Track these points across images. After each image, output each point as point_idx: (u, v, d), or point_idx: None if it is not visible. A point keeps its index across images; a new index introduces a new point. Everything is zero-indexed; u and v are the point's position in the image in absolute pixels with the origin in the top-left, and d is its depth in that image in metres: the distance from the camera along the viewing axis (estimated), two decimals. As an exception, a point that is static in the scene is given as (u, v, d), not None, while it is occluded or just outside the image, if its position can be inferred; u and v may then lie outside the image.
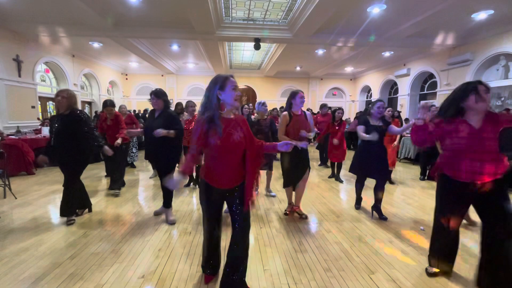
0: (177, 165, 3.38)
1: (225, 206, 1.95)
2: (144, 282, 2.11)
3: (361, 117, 3.65)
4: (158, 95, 3.17)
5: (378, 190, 3.46)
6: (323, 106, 6.42)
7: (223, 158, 1.75)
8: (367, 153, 3.43)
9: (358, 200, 3.86)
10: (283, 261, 2.43)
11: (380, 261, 2.44)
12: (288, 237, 2.93)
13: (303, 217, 3.45)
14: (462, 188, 1.93)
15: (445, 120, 1.98)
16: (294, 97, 3.21)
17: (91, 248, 2.64)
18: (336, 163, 5.55)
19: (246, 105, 5.41)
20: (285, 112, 3.24)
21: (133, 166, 6.58)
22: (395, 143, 5.20)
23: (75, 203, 3.32)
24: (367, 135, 3.29)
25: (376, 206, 3.53)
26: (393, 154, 5.21)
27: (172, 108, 3.67)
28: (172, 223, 3.25)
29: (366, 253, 2.60)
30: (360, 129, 3.41)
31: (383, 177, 3.51)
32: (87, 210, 3.57)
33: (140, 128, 4.86)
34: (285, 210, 3.61)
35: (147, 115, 3.51)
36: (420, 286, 2.10)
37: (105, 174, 5.52)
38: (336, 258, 2.50)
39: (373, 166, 3.41)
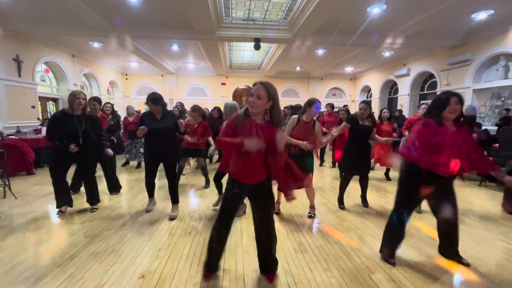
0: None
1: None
2: (144, 282, 2.11)
3: (351, 116, 3.83)
4: (156, 102, 3.26)
5: (363, 182, 3.84)
6: (328, 105, 6.55)
7: (240, 153, 1.90)
8: (356, 151, 3.64)
9: (341, 199, 3.90)
10: (283, 261, 2.43)
11: (380, 261, 2.44)
12: (288, 237, 2.93)
13: (308, 215, 3.52)
14: (434, 178, 2.18)
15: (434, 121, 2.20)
16: (310, 105, 3.19)
17: (91, 248, 2.64)
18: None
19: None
20: (295, 116, 3.28)
21: (138, 166, 6.59)
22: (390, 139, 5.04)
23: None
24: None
25: (363, 195, 3.93)
26: (389, 153, 5.19)
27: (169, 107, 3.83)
28: (171, 218, 3.39)
29: (366, 253, 2.60)
30: (344, 126, 3.70)
31: (365, 173, 3.78)
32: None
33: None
34: (275, 209, 3.58)
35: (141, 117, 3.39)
36: (420, 286, 2.10)
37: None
38: (336, 258, 2.50)
39: (362, 164, 3.69)
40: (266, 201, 2.05)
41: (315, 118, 3.38)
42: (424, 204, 3.63)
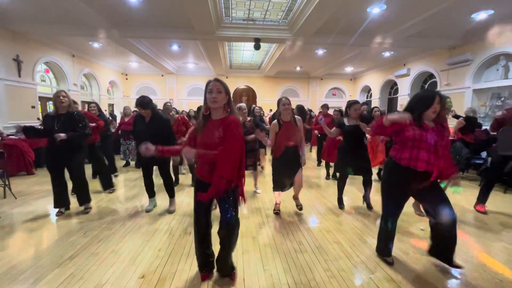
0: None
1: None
2: (144, 282, 2.11)
3: (338, 120, 3.84)
4: (144, 106, 3.32)
5: (366, 183, 3.73)
6: (323, 106, 6.64)
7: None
8: (348, 152, 3.63)
9: (340, 199, 3.90)
10: (283, 261, 2.43)
11: (380, 261, 2.44)
12: (288, 237, 2.93)
13: (298, 208, 3.58)
14: (416, 176, 2.15)
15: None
16: (278, 105, 3.31)
17: (91, 248, 2.64)
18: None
19: (257, 107, 5.86)
20: (275, 121, 3.32)
21: (138, 166, 6.61)
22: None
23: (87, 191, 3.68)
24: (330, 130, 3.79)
25: (366, 196, 3.83)
26: (383, 152, 5.22)
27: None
28: (171, 212, 3.57)
29: (366, 253, 2.60)
30: (335, 132, 3.75)
31: (368, 173, 3.70)
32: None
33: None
34: (275, 210, 3.63)
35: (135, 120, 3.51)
36: (420, 286, 2.10)
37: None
38: (336, 258, 2.50)
39: (356, 164, 3.62)
40: (228, 199, 1.95)
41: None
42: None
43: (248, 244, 2.73)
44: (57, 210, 3.50)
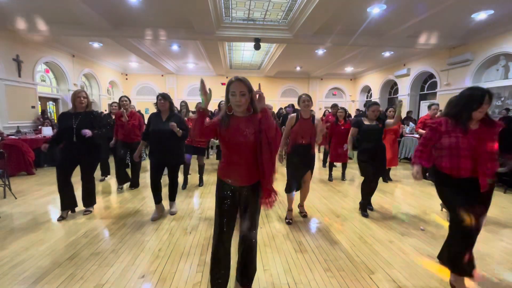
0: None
1: None
2: (144, 282, 2.11)
3: (355, 119, 3.77)
4: (166, 97, 3.38)
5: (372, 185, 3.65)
6: (334, 106, 6.64)
7: (233, 153, 1.79)
8: (369, 153, 3.52)
9: (364, 205, 3.67)
10: (283, 261, 2.43)
11: (380, 261, 2.44)
12: (288, 237, 2.93)
13: (302, 215, 3.52)
14: (465, 184, 1.98)
15: (457, 123, 1.99)
16: (298, 101, 3.29)
17: (91, 248, 2.64)
18: (341, 163, 5.65)
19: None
20: (294, 114, 3.30)
21: None
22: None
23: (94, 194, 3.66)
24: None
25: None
26: (396, 153, 5.27)
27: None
28: (172, 213, 3.56)
29: (366, 253, 2.60)
30: (352, 132, 3.66)
31: (378, 176, 3.65)
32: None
33: None
34: (287, 219, 3.34)
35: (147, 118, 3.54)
36: (420, 286, 2.10)
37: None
38: (336, 258, 2.50)
39: (376, 166, 3.53)
40: (255, 205, 1.86)
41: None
42: (426, 204, 3.60)
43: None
44: (59, 214, 3.40)
